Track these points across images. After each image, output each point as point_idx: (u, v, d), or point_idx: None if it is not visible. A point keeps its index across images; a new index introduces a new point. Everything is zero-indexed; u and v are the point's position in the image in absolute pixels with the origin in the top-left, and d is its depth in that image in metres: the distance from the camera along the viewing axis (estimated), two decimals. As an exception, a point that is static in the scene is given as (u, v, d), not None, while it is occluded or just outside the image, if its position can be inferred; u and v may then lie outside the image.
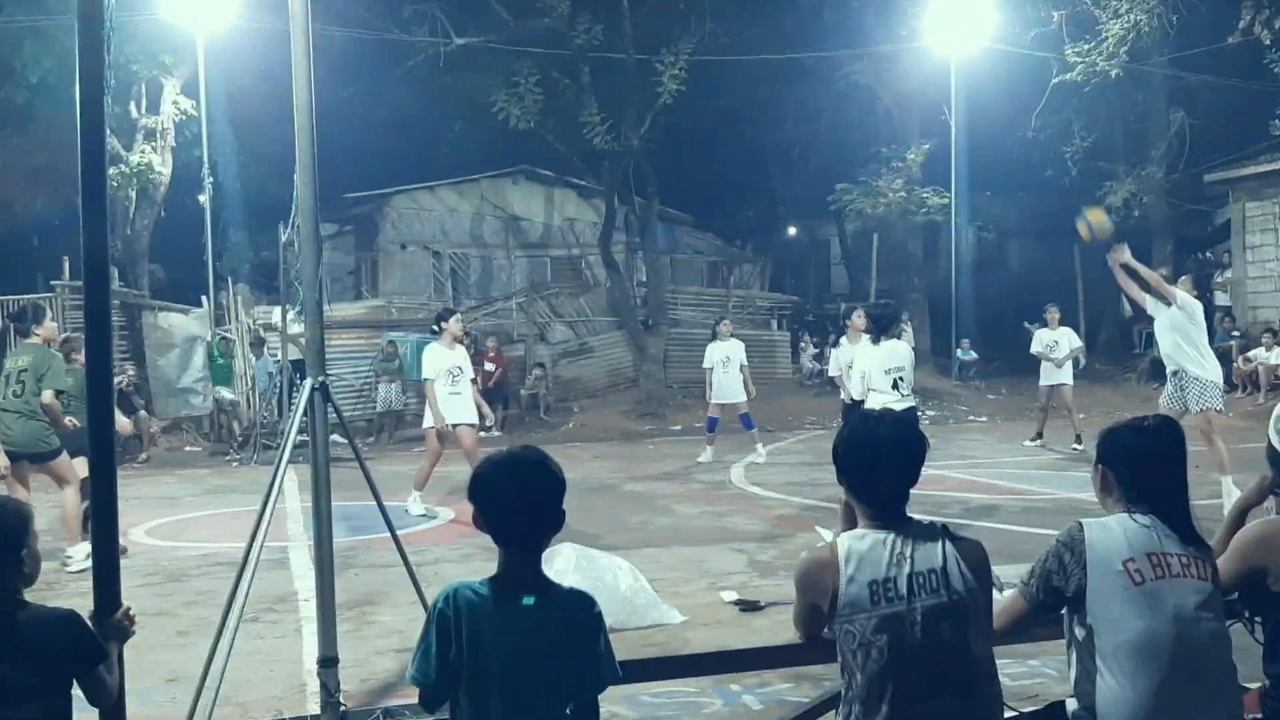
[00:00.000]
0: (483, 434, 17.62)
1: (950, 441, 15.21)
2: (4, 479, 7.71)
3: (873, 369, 8.91)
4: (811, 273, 33.93)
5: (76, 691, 2.75)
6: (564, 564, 5.66)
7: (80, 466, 7.43)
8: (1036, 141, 21.67)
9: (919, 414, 10.14)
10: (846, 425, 2.90)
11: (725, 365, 13.56)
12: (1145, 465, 2.85)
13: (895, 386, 8.85)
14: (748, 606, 5.08)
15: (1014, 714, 3.08)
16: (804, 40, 22.27)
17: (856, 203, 22.30)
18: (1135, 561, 2.71)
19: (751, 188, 32.13)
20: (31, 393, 7.62)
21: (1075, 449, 12.96)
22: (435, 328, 10.01)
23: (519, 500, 2.48)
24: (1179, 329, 8.80)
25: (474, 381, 10.17)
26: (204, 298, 18.26)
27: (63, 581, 7.13)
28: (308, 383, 4.65)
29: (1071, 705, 2.80)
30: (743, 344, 14.10)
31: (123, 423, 9.58)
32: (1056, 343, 13.94)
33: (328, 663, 4.53)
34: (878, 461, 2.75)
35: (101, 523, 3.03)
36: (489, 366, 19.19)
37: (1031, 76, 20.48)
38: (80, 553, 7.51)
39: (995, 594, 2.92)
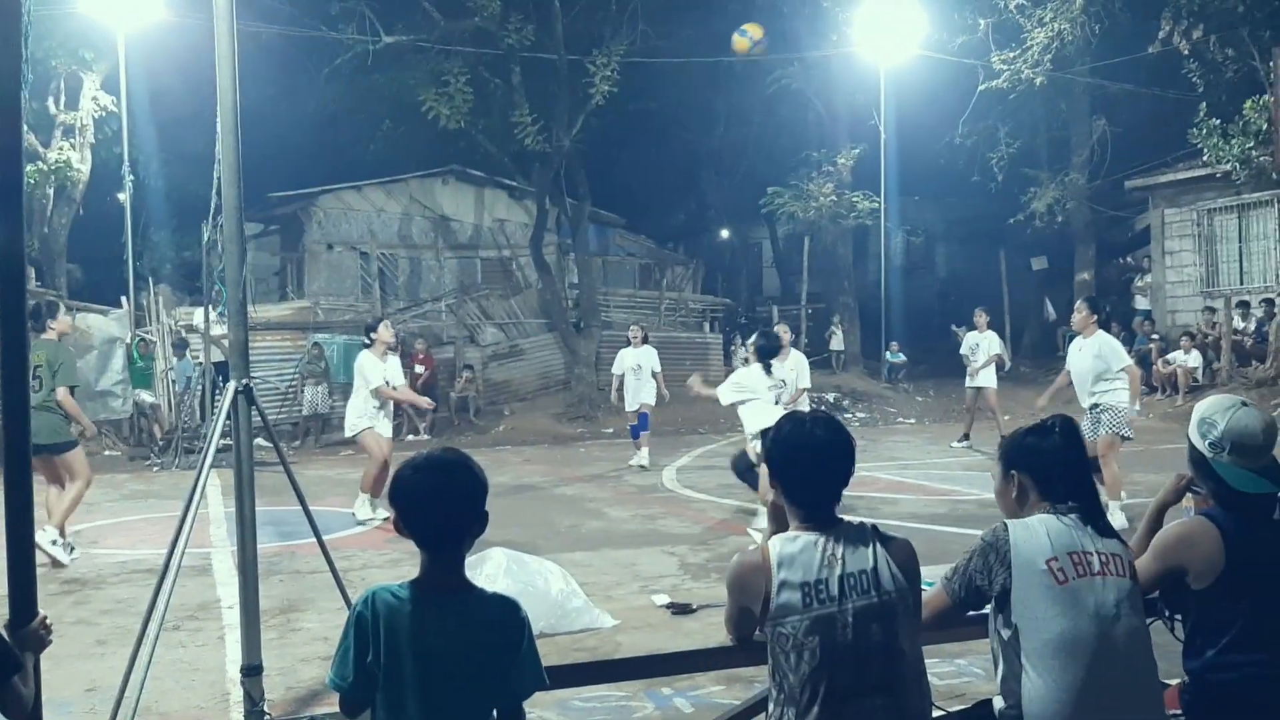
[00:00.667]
0: (411, 437, 17.59)
1: (879, 443, 15.40)
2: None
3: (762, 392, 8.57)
4: (744, 275, 34.17)
5: None
6: (494, 569, 5.60)
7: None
8: (963, 147, 22.06)
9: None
10: (779, 428, 2.89)
11: (637, 373, 13.48)
12: (1059, 464, 2.92)
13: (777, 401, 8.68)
14: (679, 609, 5.08)
15: (942, 713, 3.10)
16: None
17: (788, 206, 22.50)
18: (1058, 560, 2.76)
19: (683, 190, 32.28)
20: (48, 388, 7.85)
21: None
22: (366, 339, 9.81)
23: (439, 501, 2.46)
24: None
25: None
26: (124, 298, 17.81)
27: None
28: (231, 385, 4.58)
29: (998, 704, 2.84)
30: (655, 351, 13.95)
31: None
32: (978, 346, 14.11)
33: (251, 671, 4.45)
34: (810, 463, 2.76)
35: (16, 529, 2.92)
36: (418, 369, 18.98)
37: (959, 83, 20.85)
38: (51, 536, 7.82)
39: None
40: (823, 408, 18.04)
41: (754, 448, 8.35)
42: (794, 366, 10.81)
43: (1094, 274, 23.47)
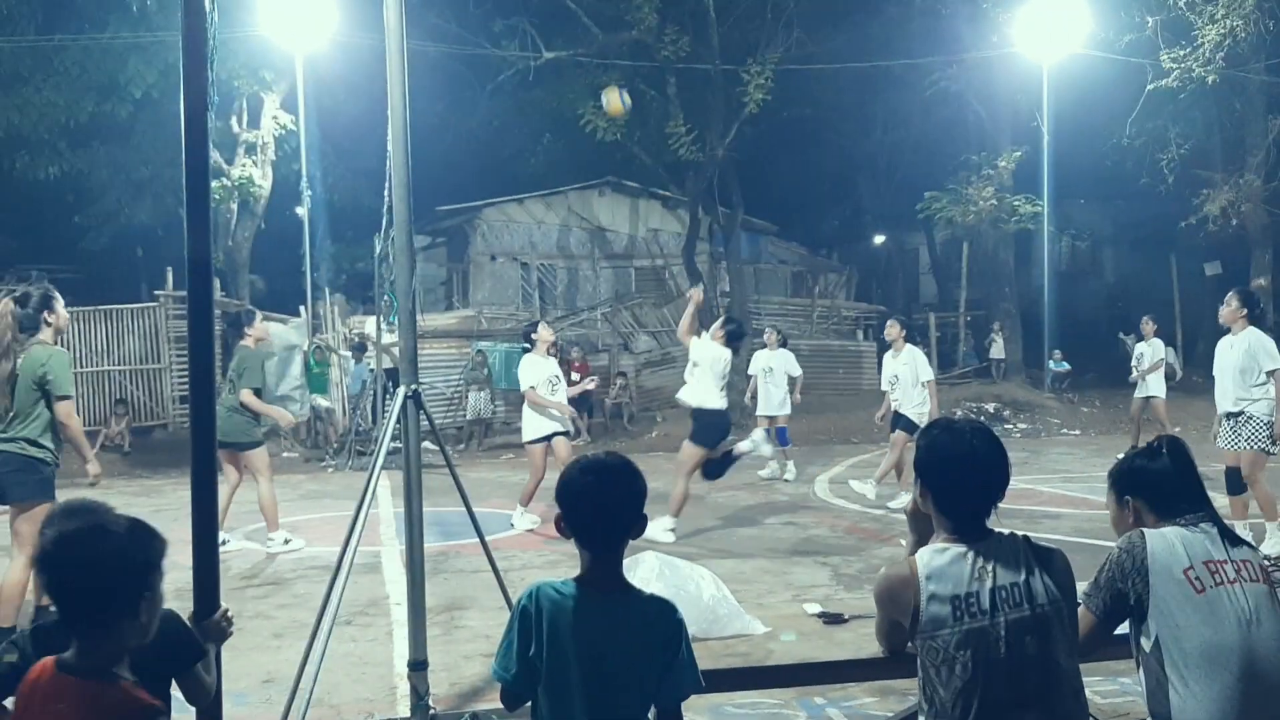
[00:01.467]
0: (573, 443, 17.88)
1: (1041, 455, 14.92)
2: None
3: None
4: (900, 282, 33.54)
5: (175, 691, 2.80)
6: (647, 572, 5.69)
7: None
8: (1131, 148, 21.16)
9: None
10: (928, 436, 2.85)
11: (768, 375, 13.11)
12: (1171, 486, 2.94)
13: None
14: (831, 619, 5.04)
15: (1103, 732, 3.04)
16: (892, 48, 22.07)
17: (946, 211, 21.99)
18: (1194, 569, 2.74)
19: (837, 196, 31.92)
20: (237, 391, 8.57)
21: None
22: (527, 343, 10.01)
23: (602, 503, 2.53)
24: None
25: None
26: (302, 307, 18.74)
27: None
28: (401, 391, 4.72)
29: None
30: (792, 355, 13.62)
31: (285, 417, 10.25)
32: (1143, 355, 13.54)
33: (418, 666, 4.60)
34: (962, 473, 2.72)
35: (201, 526, 3.08)
36: (574, 376, 19.33)
37: (1125, 82, 20.02)
38: (280, 538, 8.78)
39: None
40: (981, 417, 17.61)
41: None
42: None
43: (1271, 279, 22.16)
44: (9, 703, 2.63)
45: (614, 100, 12.22)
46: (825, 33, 21.39)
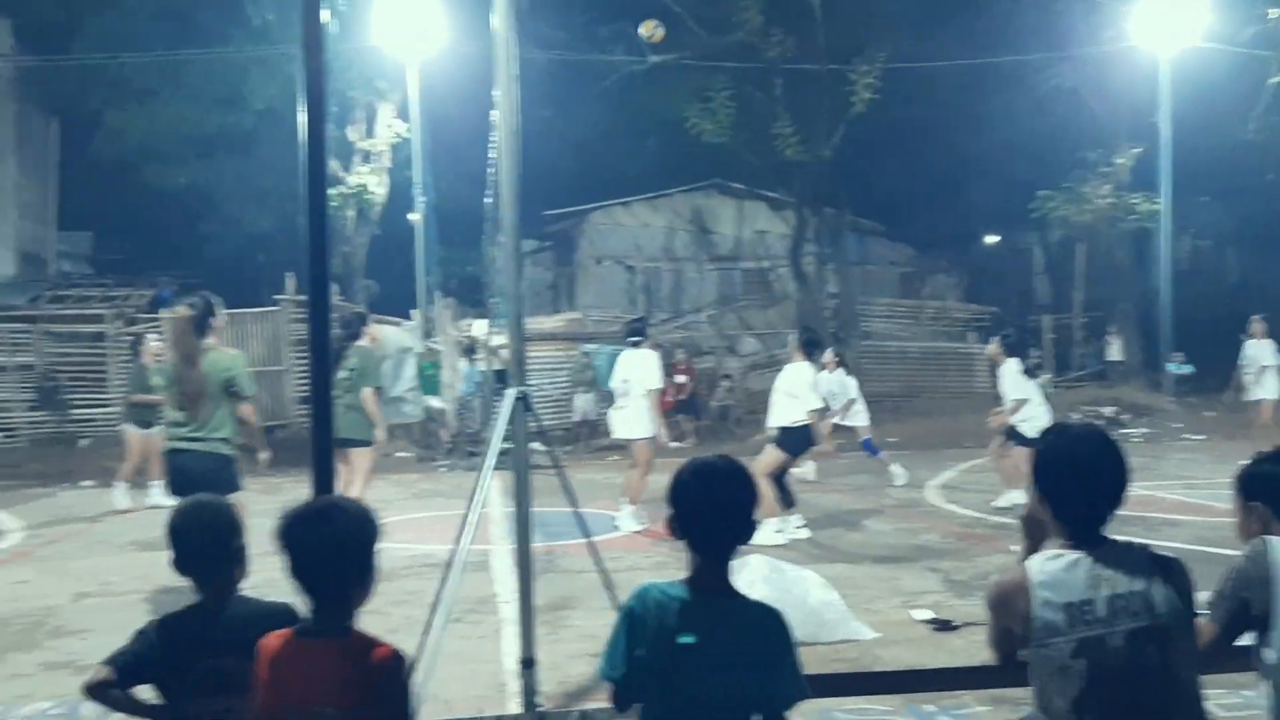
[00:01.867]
0: (675, 445, 17.97)
1: (1162, 460, 14.42)
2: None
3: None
4: (1012, 283, 32.76)
5: None
6: (753, 575, 5.68)
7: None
8: (1255, 144, 20.33)
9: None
10: (1044, 442, 2.81)
11: (832, 399, 12.80)
12: None
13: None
14: (942, 625, 4.99)
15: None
16: (1002, 44, 21.60)
17: (1060, 210, 21.48)
18: None
19: (947, 196, 31.32)
20: (358, 389, 8.94)
21: None
22: (638, 338, 10.03)
23: (714, 506, 2.53)
24: None
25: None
26: (414, 311, 19.15)
27: (273, 581, 7.60)
28: (510, 393, 4.81)
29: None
30: (852, 380, 13.57)
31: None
32: (1252, 357, 13.44)
33: (527, 664, 4.67)
34: (1079, 481, 2.67)
35: None
36: (679, 378, 19.37)
37: (1248, 76, 19.29)
38: None
39: None
40: (1099, 421, 17.11)
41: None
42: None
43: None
44: (141, 690, 2.77)
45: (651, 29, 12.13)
46: (933, 31, 21.06)
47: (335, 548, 2.57)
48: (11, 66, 21.06)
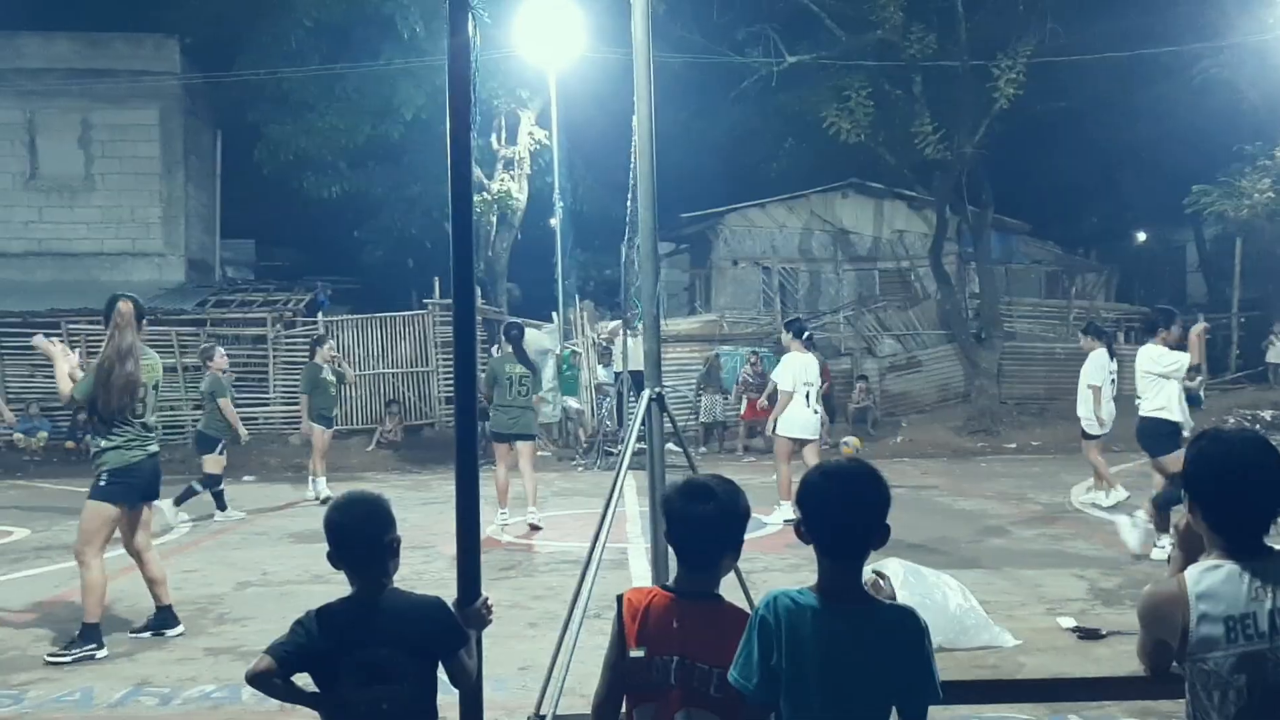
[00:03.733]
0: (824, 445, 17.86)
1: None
2: None
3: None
4: (1165, 281, 31.43)
5: (440, 674, 2.98)
6: (891, 579, 5.62)
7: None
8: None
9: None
10: (1196, 448, 2.68)
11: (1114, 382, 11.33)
12: None
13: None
14: (1088, 634, 4.86)
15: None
16: (1153, 35, 20.71)
17: (1216, 205, 20.52)
18: None
19: (1095, 192, 30.24)
20: (534, 392, 10.50)
21: None
22: (797, 338, 10.75)
23: (844, 511, 2.50)
24: None
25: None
26: (554, 313, 19.52)
27: (421, 574, 7.88)
28: (645, 393, 4.85)
29: None
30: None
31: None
32: None
33: (659, 659, 4.71)
34: (1238, 486, 2.56)
35: (464, 518, 3.22)
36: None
37: None
38: (537, 512, 10.35)
39: None
40: (1258, 425, 16.32)
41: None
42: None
43: None
44: (300, 679, 2.92)
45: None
46: (1081, 22, 20.32)
47: (716, 520, 2.78)
48: (180, 84, 22.25)
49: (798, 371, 10.20)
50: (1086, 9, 20.46)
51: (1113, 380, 10.61)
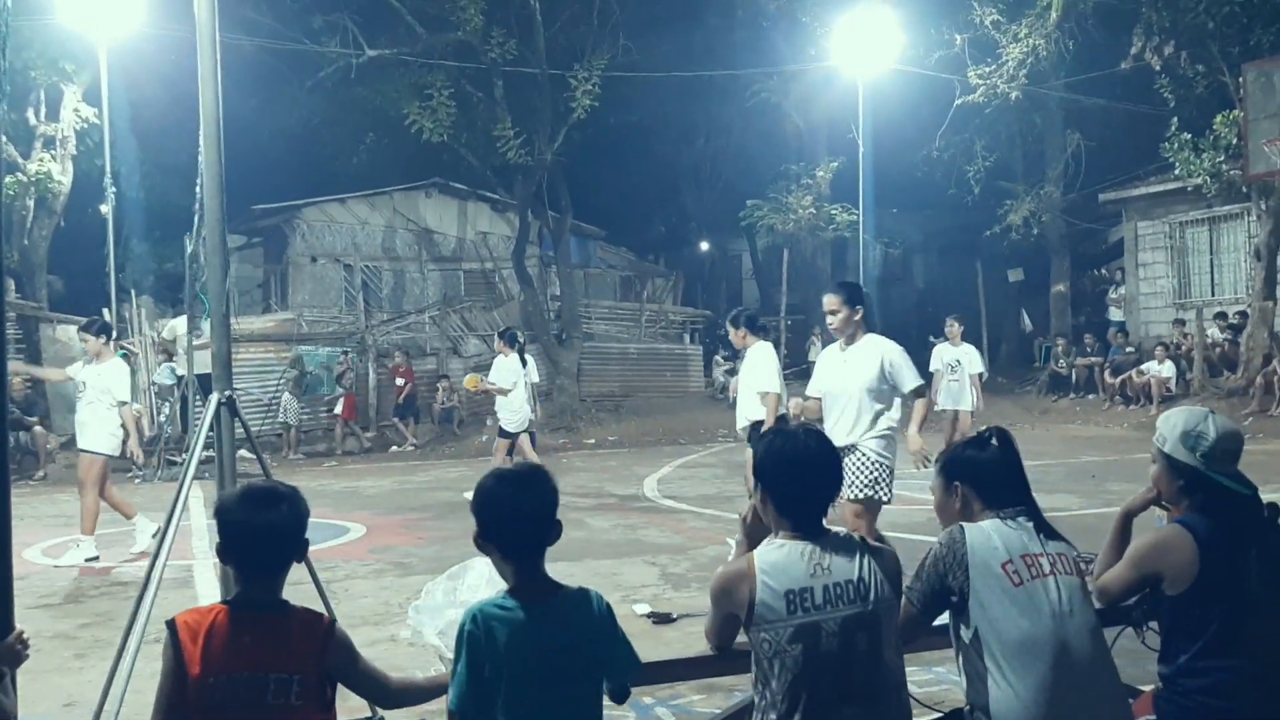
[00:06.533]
0: (395, 449, 17.61)
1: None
2: None
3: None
4: (724, 287, 34.23)
5: None
6: (476, 579, 5.60)
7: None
8: (940, 160, 22.19)
9: None
10: (765, 442, 2.94)
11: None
12: (998, 473, 3.03)
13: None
14: (660, 619, 5.11)
15: (919, 721, 3.15)
16: (715, 58, 22.54)
17: (767, 219, 22.64)
18: (1012, 563, 2.85)
19: (664, 203, 32.36)
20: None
21: None
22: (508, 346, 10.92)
23: (529, 513, 2.62)
24: None
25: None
26: (105, 310, 17.70)
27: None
28: (214, 397, 4.56)
29: (967, 709, 2.90)
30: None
31: None
32: (958, 362, 12.60)
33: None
34: (799, 474, 2.80)
35: None
36: (398, 381, 19.01)
37: (936, 97, 20.99)
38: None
39: None
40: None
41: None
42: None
43: (1069, 286, 23.69)
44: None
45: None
46: (650, 40, 21.64)
47: (284, 526, 2.77)
48: None
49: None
50: (655, 28, 21.82)
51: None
